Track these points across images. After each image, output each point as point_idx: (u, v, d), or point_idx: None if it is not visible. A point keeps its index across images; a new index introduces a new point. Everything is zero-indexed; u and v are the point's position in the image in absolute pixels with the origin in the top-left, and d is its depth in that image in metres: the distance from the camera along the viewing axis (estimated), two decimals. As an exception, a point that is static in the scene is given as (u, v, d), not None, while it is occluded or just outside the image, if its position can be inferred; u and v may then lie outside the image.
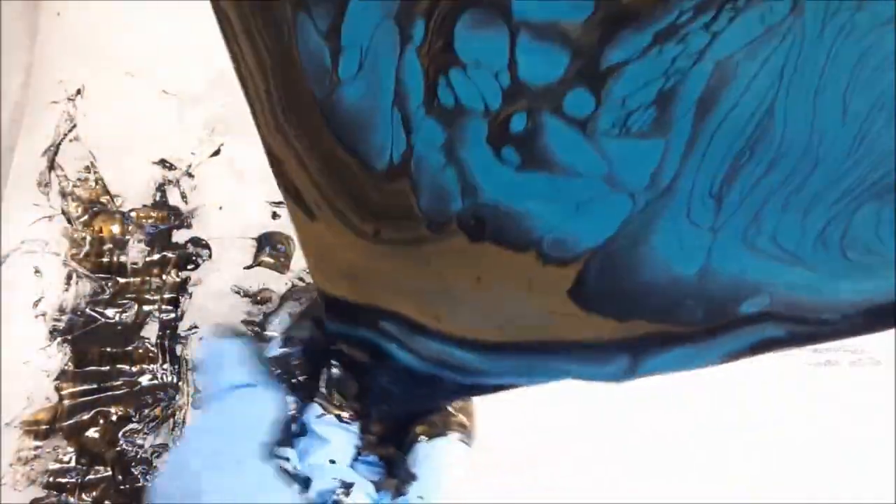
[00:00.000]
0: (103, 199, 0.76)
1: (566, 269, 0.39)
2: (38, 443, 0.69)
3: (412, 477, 0.46)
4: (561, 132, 0.37)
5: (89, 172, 0.76)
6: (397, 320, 0.44)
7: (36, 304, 0.73)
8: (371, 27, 0.38)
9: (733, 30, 0.33)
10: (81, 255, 0.74)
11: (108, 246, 0.75)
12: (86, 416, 0.71)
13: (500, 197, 0.39)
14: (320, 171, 0.43)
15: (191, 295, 0.76)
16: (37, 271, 0.74)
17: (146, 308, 0.75)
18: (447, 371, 0.45)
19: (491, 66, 0.37)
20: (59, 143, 0.77)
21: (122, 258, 0.75)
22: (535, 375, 0.45)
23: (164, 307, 0.75)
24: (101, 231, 0.75)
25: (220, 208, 0.78)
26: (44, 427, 0.70)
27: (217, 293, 0.76)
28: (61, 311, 0.73)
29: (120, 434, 0.71)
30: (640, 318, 0.40)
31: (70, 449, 0.70)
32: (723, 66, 0.33)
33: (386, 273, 0.43)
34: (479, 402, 0.52)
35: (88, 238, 0.75)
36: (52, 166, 0.76)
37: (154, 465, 0.70)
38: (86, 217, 0.75)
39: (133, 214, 0.76)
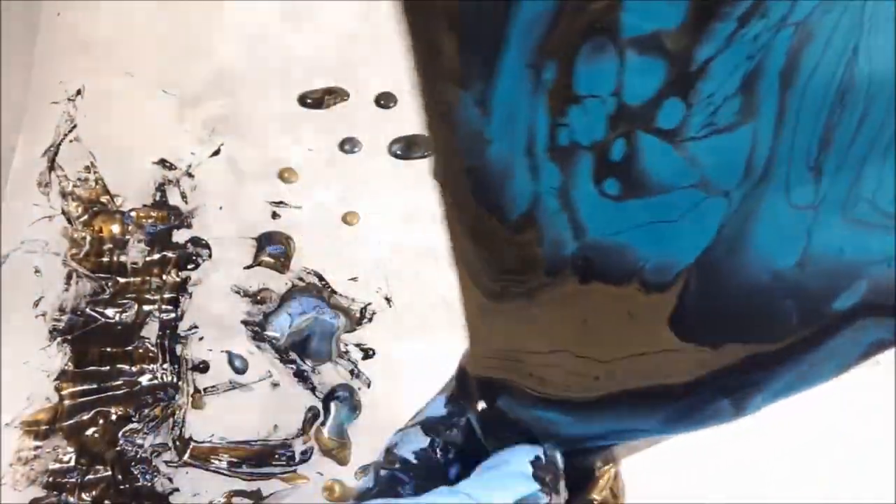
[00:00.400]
0: (103, 199, 0.76)
1: (666, 293, 0.39)
2: (38, 443, 0.69)
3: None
4: (655, 149, 0.36)
5: (89, 172, 0.77)
6: (509, 392, 0.44)
7: (36, 304, 0.73)
8: (514, 81, 0.38)
9: None
10: (81, 255, 0.74)
11: (108, 246, 0.75)
12: (86, 416, 0.71)
13: (602, 232, 0.39)
14: (464, 237, 0.43)
15: (191, 295, 0.76)
16: (37, 271, 0.74)
17: (146, 308, 0.75)
18: (548, 438, 0.46)
19: (602, 95, 0.37)
20: (59, 143, 0.77)
21: (122, 258, 0.75)
22: (629, 434, 0.45)
23: (164, 307, 0.75)
24: (101, 231, 0.75)
25: (220, 208, 0.78)
26: (44, 427, 0.70)
27: (217, 293, 0.76)
28: (61, 311, 0.73)
29: (120, 434, 0.71)
30: (734, 340, 0.39)
31: (70, 449, 0.70)
32: (802, 28, 0.33)
33: (500, 335, 0.43)
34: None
35: (88, 238, 0.75)
36: (52, 166, 0.76)
37: (154, 465, 0.70)
38: (86, 217, 0.76)
39: (133, 214, 0.76)
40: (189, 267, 0.76)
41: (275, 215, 0.79)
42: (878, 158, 0.35)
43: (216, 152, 0.79)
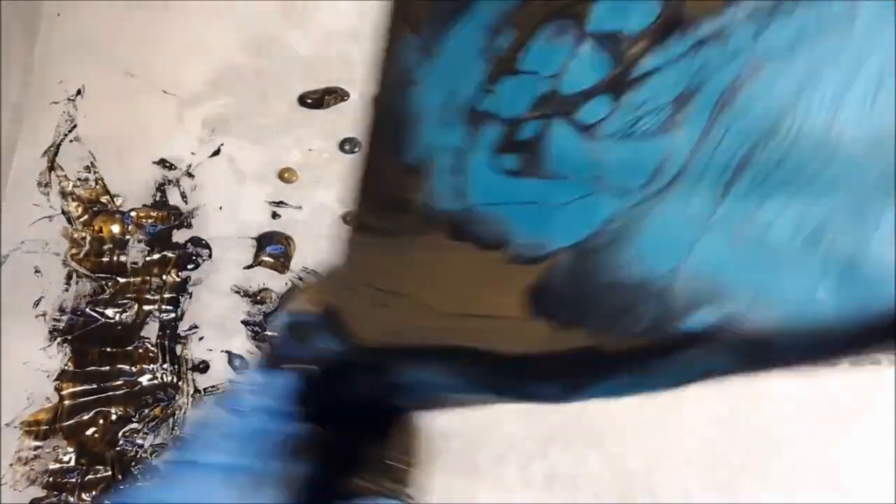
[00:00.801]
0: (103, 199, 0.76)
1: (532, 267, 0.39)
2: (38, 443, 0.69)
3: None
4: (566, 138, 0.37)
5: (89, 172, 0.77)
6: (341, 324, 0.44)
7: (36, 304, 0.73)
8: (468, 36, 0.39)
9: (783, 26, 0.34)
10: (81, 255, 0.74)
11: (108, 246, 0.75)
12: (86, 416, 0.71)
13: (485, 200, 0.39)
14: (359, 166, 0.44)
15: (191, 295, 0.76)
16: (37, 271, 0.74)
17: (146, 308, 0.75)
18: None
19: (541, 74, 0.38)
20: (59, 143, 0.77)
21: (122, 258, 0.75)
22: (446, 389, 0.45)
23: (164, 307, 0.75)
24: (101, 231, 0.75)
25: (220, 208, 0.78)
26: (44, 427, 0.70)
27: (217, 293, 0.76)
28: (61, 311, 0.73)
29: (120, 434, 0.71)
30: (584, 326, 0.39)
31: (70, 449, 0.70)
32: (755, 62, 0.34)
33: (357, 267, 0.43)
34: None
35: (88, 238, 0.75)
36: (52, 166, 0.76)
37: (154, 464, 0.70)
38: (86, 217, 0.76)
39: (133, 214, 0.76)
40: (189, 267, 0.76)
41: (275, 215, 0.79)
42: (784, 196, 0.35)
43: (216, 152, 0.79)
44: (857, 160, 0.34)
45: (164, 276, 0.76)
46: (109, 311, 0.74)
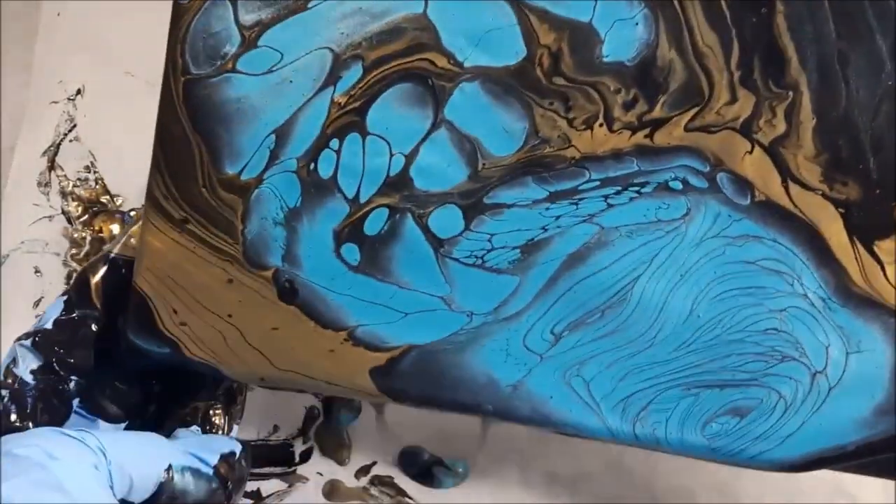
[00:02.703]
0: (103, 199, 0.76)
1: (377, 353, 0.41)
2: (38, 443, 0.69)
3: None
4: (415, 246, 0.39)
5: (89, 172, 0.77)
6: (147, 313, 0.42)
7: (36, 304, 0.73)
8: (306, 44, 0.38)
9: (629, 208, 0.38)
10: (81, 255, 0.74)
11: (108, 246, 0.75)
12: (86, 417, 0.71)
13: (321, 282, 0.40)
14: (171, 143, 0.41)
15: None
16: (37, 271, 0.74)
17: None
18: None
19: (393, 147, 0.38)
20: (59, 143, 0.77)
21: (122, 258, 0.75)
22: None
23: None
24: (101, 231, 0.75)
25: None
26: (44, 427, 0.70)
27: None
28: (61, 311, 0.73)
29: (120, 434, 0.71)
30: (428, 406, 0.42)
31: (70, 449, 0.70)
32: (605, 233, 0.38)
33: (165, 260, 0.41)
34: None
35: (88, 238, 0.75)
36: (52, 166, 0.76)
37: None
38: (86, 217, 0.76)
39: (133, 214, 0.76)
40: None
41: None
42: (604, 363, 0.40)
43: (216, 152, 0.79)
44: (669, 353, 0.39)
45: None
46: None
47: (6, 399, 0.43)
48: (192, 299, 0.40)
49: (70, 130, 0.77)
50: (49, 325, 0.45)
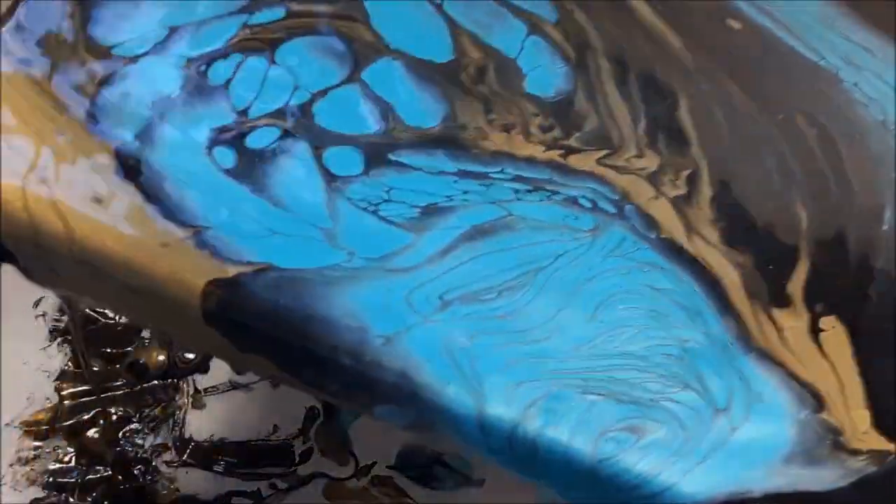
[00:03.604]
0: (103, 198, 0.76)
1: (225, 264, 0.37)
2: (38, 443, 0.69)
3: None
4: (303, 173, 0.37)
5: (89, 172, 0.76)
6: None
7: (36, 304, 0.73)
8: None
9: (538, 207, 0.38)
10: (81, 255, 0.74)
11: None
12: (86, 416, 0.71)
13: (178, 173, 0.37)
14: None
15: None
16: (37, 271, 0.74)
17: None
18: None
19: (299, 83, 0.37)
20: (59, 143, 0.77)
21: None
22: None
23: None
24: (100, 231, 0.75)
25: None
26: (44, 427, 0.70)
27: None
28: (61, 311, 0.73)
29: (120, 434, 0.71)
30: (264, 356, 0.39)
31: (70, 449, 0.70)
32: (513, 219, 0.38)
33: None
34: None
35: (88, 238, 0.75)
36: (51, 166, 0.76)
37: (154, 464, 0.70)
38: (86, 217, 0.76)
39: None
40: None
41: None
42: (496, 343, 0.38)
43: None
44: (563, 352, 0.38)
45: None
46: (109, 312, 0.74)
47: None
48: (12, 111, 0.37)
49: (70, 130, 0.77)
50: None
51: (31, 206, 0.36)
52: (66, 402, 0.71)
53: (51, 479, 0.69)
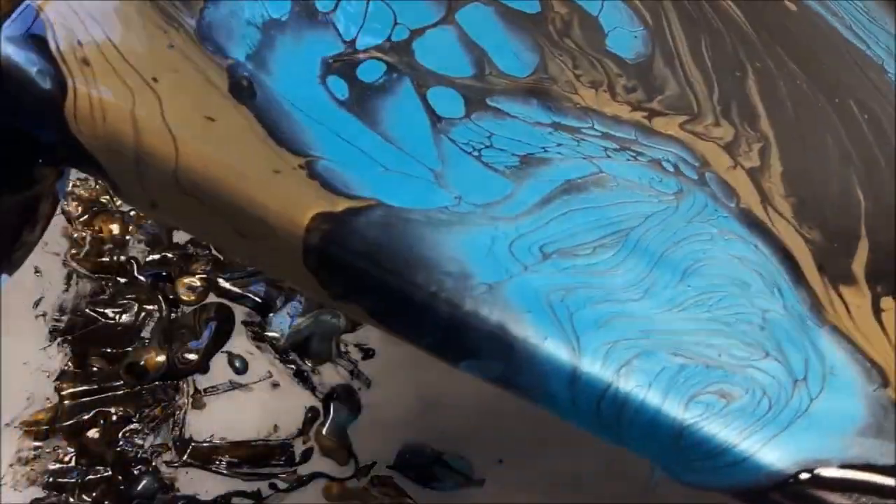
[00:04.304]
0: (103, 198, 0.76)
1: (335, 196, 0.35)
2: (38, 443, 0.69)
3: None
4: (411, 110, 0.37)
5: (89, 172, 0.77)
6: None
7: (36, 304, 0.73)
8: None
9: (626, 166, 0.38)
10: (81, 255, 0.74)
11: (108, 246, 0.75)
12: (86, 417, 0.71)
13: (292, 98, 0.36)
14: None
15: (191, 295, 0.76)
16: (37, 271, 0.74)
17: (147, 308, 0.75)
18: None
19: (399, 18, 0.38)
20: (59, 143, 0.77)
21: (122, 258, 0.75)
22: None
23: (164, 307, 0.75)
24: (101, 231, 0.75)
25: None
26: (44, 427, 0.70)
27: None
28: (61, 311, 0.73)
29: (120, 434, 0.71)
30: (358, 301, 0.37)
31: (70, 449, 0.70)
32: (604, 177, 0.38)
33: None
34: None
35: (88, 238, 0.75)
36: (52, 166, 0.76)
37: (154, 465, 0.70)
38: (86, 217, 0.76)
39: (133, 214, 0.76)
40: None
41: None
42: (594, 299, 0.37)
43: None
44: (658, 314, 0.37)
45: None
46: (109, 311, 0.74)
47: None
48: (108, 42, 0.34)
49: (70, 130, 0.77)
50: None
51: (138, 115, 0.34)
52: (66, 402, 0.71)
53: (51, 479, 0.69)
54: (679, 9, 0.40)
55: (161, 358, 0.73)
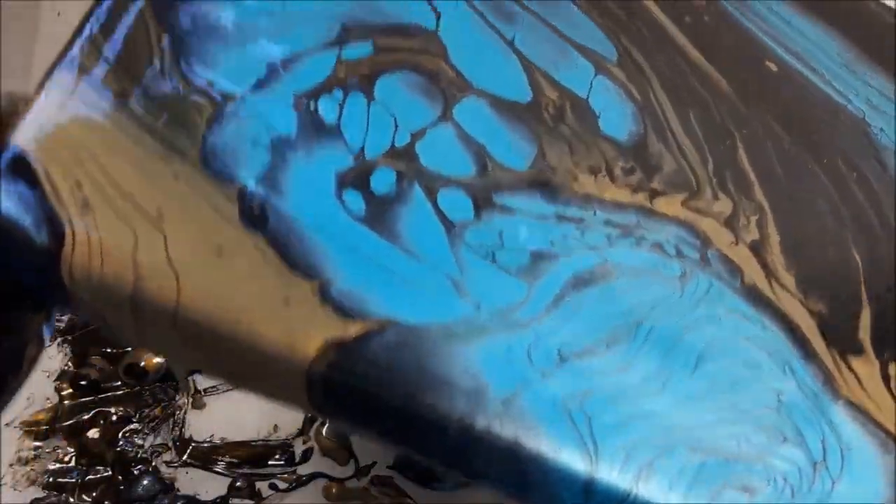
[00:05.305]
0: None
1: (347, 321, 0.33)
2: (38, 443, 0.69)
3: None
4: (425, 218, 0.36)
5: (89, 172, 0.76)
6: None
7: (36, 304, 0.73)
8: (313, 6, 0.37)
9: (630, 253, 0.38)
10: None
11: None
12: (86, 416, 0.71)
13: (307, 219, 0.34)
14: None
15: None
16: (37, 271, 0.74)
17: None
18: None
19: (398, 122, 0.37)
20: (59, 143, 0.77)
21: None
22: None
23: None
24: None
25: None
26: (44, 427, 0.70)
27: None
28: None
29: (120, 434, 0.71)
30: (361, 425, 0.36)
31: (70, 449, 0.70)
32: (610, 266, 0.38)
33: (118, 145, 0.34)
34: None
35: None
36: (52, 166, 0.76)
37: (154, 465, 0.70)
38: (86, 217, 0.76)
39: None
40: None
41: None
42: (612, 400, 0.36)
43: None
44: (676, 409, 0.37)
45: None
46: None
47: None
48: (109, 179, 0.34)
49: (70, 130, 0.77)
50: None
51: (139, 259, 0.32)
52: (66, 402, 0.71)
53: (51, 479, 0.69)
54: (663, 80, 0.40)
55: (160, 359, 0.73)
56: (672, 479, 0.35)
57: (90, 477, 0.69)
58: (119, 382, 0.72)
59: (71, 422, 0.70)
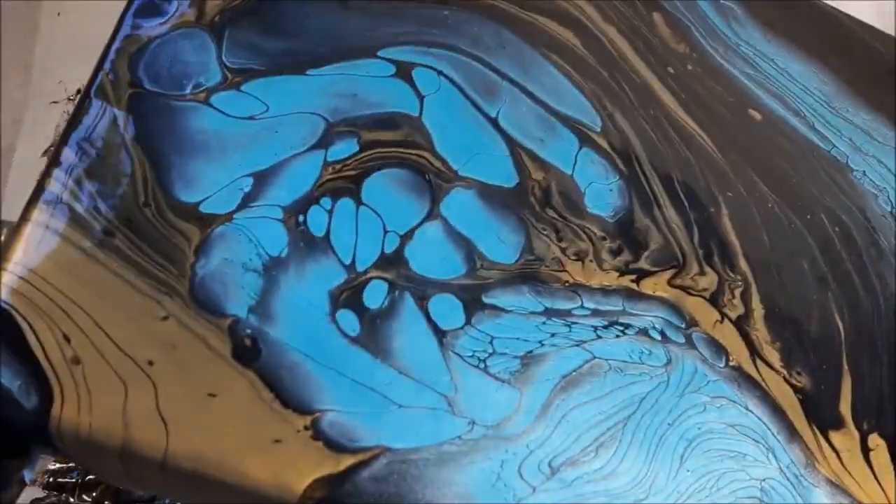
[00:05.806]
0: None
1: (338, 455, 0.33)
2: (38, 443, 0.69)
3: None
4: (418, 331, 0.36)
5: (89, 172, 0.77)
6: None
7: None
8: (298, 105, 0.37)
9: (616, 344, 0.38)
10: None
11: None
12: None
13: (301, 346, 0.33)
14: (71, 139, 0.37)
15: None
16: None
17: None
18: None
19: (386, 224, 0.37)
20: (59, 143, 0.77)
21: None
22: None
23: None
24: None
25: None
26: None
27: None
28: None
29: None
30: None
31: (70, 449, 0.70)
32: (597, 363, 0.38)
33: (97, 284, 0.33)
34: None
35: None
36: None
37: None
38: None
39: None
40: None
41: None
42: None
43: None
44: None
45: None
46: None
47: None
48: (97, 328, 0.32)
49: (70, 130, 0.77)
50: None
51: (129, 411, 0.31)
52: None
53: (51, 479, 0.69)
54: (645, 142, 0.41)
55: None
56: None
57: (90, 477, 0.69)
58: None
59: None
